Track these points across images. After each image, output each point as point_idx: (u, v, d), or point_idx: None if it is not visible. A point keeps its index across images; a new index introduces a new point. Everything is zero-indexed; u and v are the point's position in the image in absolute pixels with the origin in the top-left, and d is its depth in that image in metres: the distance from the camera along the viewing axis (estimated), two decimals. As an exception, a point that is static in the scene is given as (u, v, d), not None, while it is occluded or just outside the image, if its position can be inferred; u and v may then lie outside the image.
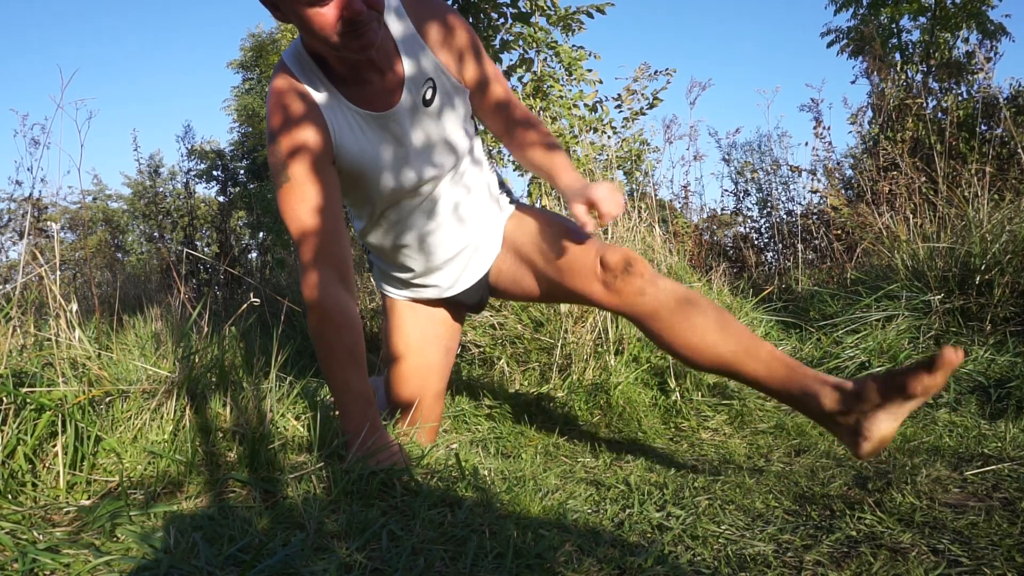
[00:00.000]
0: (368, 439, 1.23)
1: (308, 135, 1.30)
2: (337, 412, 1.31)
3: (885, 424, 1.21)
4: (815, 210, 4.64)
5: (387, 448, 1.23)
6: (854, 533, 1.03)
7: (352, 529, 0.95)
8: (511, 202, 1.63)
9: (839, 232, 4.04)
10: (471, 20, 3.53)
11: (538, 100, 3.71)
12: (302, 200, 1.30)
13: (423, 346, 1.62)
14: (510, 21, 3.60)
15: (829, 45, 7.20)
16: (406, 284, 1.61)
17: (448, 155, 1.43)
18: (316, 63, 1.32)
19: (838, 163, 5.10)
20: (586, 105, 3.97)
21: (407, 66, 1.34)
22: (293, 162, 1.29)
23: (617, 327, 2.55)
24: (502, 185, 1.64)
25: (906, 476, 1.28)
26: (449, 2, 3.34)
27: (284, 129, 1.30)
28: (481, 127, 2.49)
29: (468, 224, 1.52)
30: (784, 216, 4.91)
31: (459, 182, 1.49)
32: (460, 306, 1.67)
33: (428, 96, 1.37)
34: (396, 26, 1.34)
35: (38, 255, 1.81)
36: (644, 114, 4.25)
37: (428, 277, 1.58)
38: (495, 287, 1.63)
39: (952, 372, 1.14)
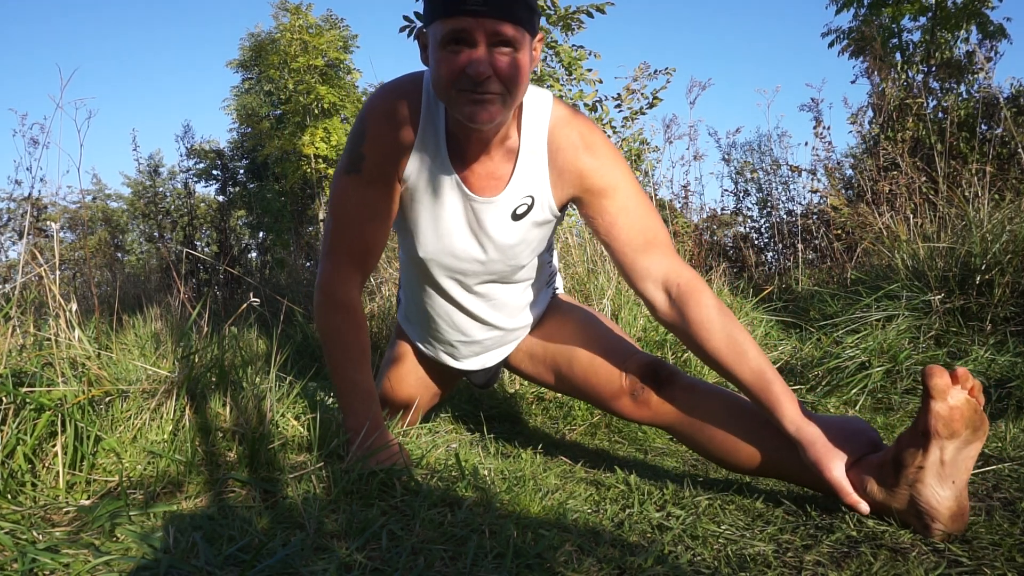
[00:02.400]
0: (368, 437, 1.23)
1: (399, 151, 1.27)
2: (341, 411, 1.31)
3: (942, 492, 1.00)
4: (815, 210, 4.64)
5: (387, 447, 1.23)
6: (854, 533, 1.03)
7: (352, 529, 0.95)
8: (553, 295, 1.60)
9: (839, 232, 4.04)
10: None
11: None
12: (363, 204, 1.29)
13: (414, 388, 1.65)
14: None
15: (830, 45, 7.23)
16: (424, 336, 1.59)
17: (506, 266, 1.39)
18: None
19: (838, 163, 5.11)
20: (586, 105, 3.96)
21: (518, 174, 1.29)
22: (374, 161, 1.27)
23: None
24: (552, 276, 1.60)
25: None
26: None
27: (383, 132, 1.26)
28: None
29: (501, 315, 1.49)
30: (784, 216, 4.91)
31: (509, 278, 1.44)
32: (463, 375, 1.68)
33: (520, 211, 1.32)
34: (531, 132, 1.29)
35: (38, 255, 1.81)
36: (644, 114, 4.25)
37: (442, 345, 1.56)
38: (515, 368, 1.62)
39: (947, 385, 0.97)
